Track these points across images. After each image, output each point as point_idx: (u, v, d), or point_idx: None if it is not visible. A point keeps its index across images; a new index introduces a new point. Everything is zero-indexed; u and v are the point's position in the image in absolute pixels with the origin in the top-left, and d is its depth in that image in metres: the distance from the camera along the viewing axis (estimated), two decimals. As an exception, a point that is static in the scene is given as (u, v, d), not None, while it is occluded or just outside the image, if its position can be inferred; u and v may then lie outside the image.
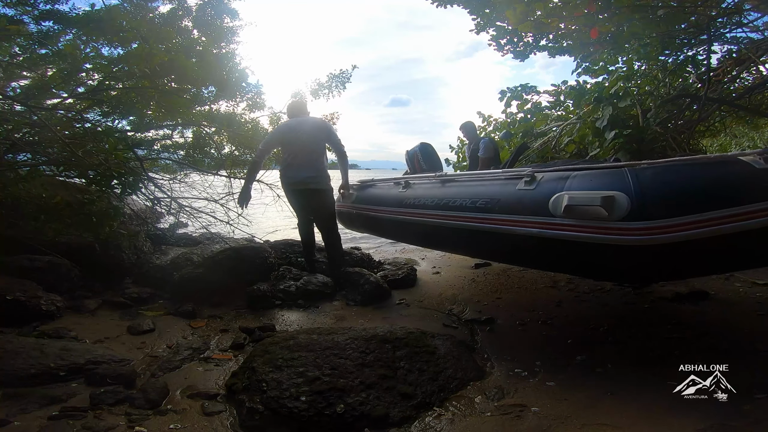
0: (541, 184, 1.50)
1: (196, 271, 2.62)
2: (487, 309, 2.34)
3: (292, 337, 1.58)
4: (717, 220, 1.14)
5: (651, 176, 1.28)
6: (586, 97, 3.67)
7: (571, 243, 1.33)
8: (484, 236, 1.63)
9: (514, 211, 1.51)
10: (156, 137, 3.49)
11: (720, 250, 1.20)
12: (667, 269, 1.30)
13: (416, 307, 2.47)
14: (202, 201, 3.23)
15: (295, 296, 2.55)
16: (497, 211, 1.57)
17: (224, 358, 1.76)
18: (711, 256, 1.24)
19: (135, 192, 2.64)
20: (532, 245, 1.47)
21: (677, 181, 1.25)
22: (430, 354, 1.57)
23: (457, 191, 1.84)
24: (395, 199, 2.26)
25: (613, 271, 1.42)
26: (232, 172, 3.61)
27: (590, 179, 1.38)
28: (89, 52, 2.59)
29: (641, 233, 1.20)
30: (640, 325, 1.94)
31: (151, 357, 1.76)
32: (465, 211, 1.70)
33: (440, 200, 1.87)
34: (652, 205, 1.22)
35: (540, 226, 1.41)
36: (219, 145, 3.68)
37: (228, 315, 2.32)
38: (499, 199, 1.58)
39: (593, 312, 2.18)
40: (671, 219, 1.19)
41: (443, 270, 3.42)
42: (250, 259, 2.74)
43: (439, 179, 2.08)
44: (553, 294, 2.54)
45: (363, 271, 2.87)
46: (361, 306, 2.49)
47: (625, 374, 1.51)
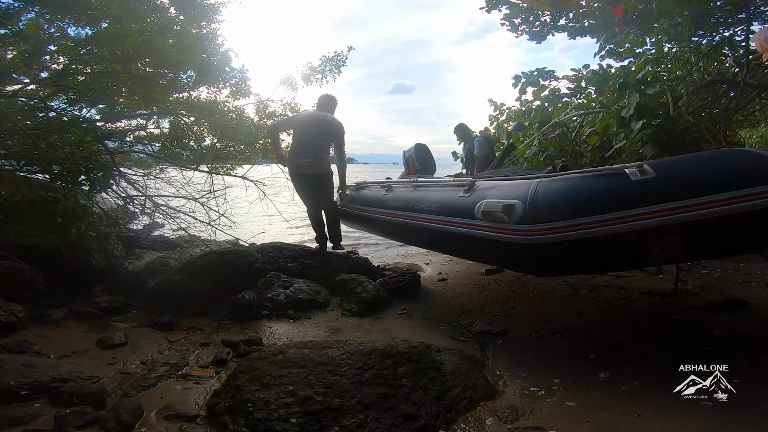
0: (474, 192, 2.03)
1: (174, 278, 2.63)
2: (499, 320, 2.34)
3: (281, 352, 1.58)
4: (587, 225, 1.56)
5: (545, 186, 1.74)
6: (610, 83, 3.66)
7: (486, 240, 1.87)
8: (437, 234, 2.23)
9: (454, 214, 2.07)
10: (129, 128, 3.49)
11: (592, 251, 1.59)
12: (551, 264, 1.76)
13: (420, 317, 2.47)
14: (181, 199, 3.23)
15: (284, 306, 2.55)
16: (444, 214, 2.13)
17: (205, 375, 1.76)
18: (585, 255, 1.63)
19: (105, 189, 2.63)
20: (464, 242, 2.04)
21: (562, 190, 1.69)
22: (436, 370, 1.57)
23: (422, 196, 2.45)
24: (380, 200, 2.88)
25: (515, 264, 2.00)
26: (213, 167, 3.62)
27: (506, 189, 1.88)
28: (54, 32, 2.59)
29: (526, 234, 1.68)
30: (670, 338, 1.94)
31: (124, 374, 1.76)
32: (425, 213, 2.29)
33: (410, 203, 2.51)
34: (539, 211, 1.67)
35: (467, 227, 1.97)
36: (199, 137, 3.68)
37: (209, 327, 2.32)
38: (446, 204, 2.16)
39: (618, 323, 2.18)
40: (551, 223, 1.63)
41: (450, 276, 3.42)
42: (234, 265, 2.74)
43: (412, 185, 2.69)
44: (573, 303, 2.54)
45: (360, 277, 2.87)
46: (359, 317, 2.49)
47: (654, 393, 1.51)
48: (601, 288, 2.84)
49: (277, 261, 3.22)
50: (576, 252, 1.64)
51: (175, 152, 3.68)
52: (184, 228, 3.10)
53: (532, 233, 1.68)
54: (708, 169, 1.58)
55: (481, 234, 1.89)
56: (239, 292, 2.54)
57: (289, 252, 3.35)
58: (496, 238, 1.81)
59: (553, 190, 1.72)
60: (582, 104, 4.71)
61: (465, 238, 1.99)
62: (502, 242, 1.79)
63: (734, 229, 1.49)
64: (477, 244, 1.96)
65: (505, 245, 1.78)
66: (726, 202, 1.46)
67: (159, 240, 4.13)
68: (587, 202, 1.61)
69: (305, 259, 3.31)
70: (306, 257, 3.33)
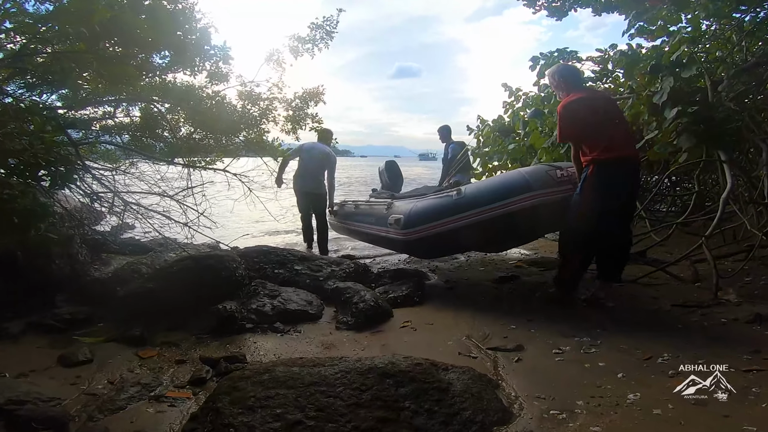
0: (390, 209, 3.52)
1: (146, 286, 2.63)
2: (516, 334, 2.34)
3: (267, 370, 1.58)
4: (429, 228, 3.08)
5: (416, 205, 3.28)
6: (641, 65, 3.66)
7: (391, 239, 3.51)
8: (375, 236, 3.86)
9: (380, 223, 3.64)
10: (95, 116, 3.49)
11: (433, 242, 3.14)
12: (418, 251, 3.59)
13: (425, 331, 2.48)
14: (154, 197, 3.23)
15: (271, 318, 2.55)
16: (377, 224, 3.72)
17: (181, 397, 1.76)
18: (431, 245, 3.20)
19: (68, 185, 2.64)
20: (384, 240, 3.72)
21: (420, 207, 3.23)
22: (443, 391, 1.57)
23: (371, 211, 3.98)
24: (351, 215, 4.42)
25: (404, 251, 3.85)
26: (191, 160, 3.61)
27: (402, 207, 3.41)
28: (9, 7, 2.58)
29: (404, 235, 3.27)
30: (709, 354, 1.94)
31: (89, 395, 1.76)
32: (371, 224, 3.87)
33: (364, 216, 4.10)
34: (410, 221, 3.22)
35: (384, 231, 3.56)
36: (174, 126, 3.68)
37: (186, 342, 2.32)
38: (378, 217, 3.72)
39: (650, 338, 2.18)
40: (414, 228, 3.19)
41: (459, 284, 3.43)
42: (214, 271, 2.75)
43: (368, 204, 4.27)
44: (598, 315, 2.54)
45: (357, 286, 2.88)
46: (355, 330, 2.50)
47: (691, 416, 1.51)
48: (630, 298, 2.84)
49: (263, 267, 3.23)
50: (426, 243, 3.21)
51: (147, 144, 3.68)
52: (158, 229, 3.10)
53: (406, 234, 3.28)
54: (489, 188, 2.95)
55: (389, 236, 3.52)
56: (220, 302, 2.55)
57: (276, 257, 3.36)
58: (393, 238, 3.46)
59: (418, 207, 3.27)
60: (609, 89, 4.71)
61: (384, 238, 3.65)
62: (396, 240, 3.45)
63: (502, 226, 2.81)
64: (389, 242, 3.68)
65: (396, 241, 3.47)
66: (495, 209, 2.79)
67: (129, 243, 4.14)
68: (430, 214, 3.13)
69: (294, 264, 3.32)
70: (295, 262, 3.34)
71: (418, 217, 3.19)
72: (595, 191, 2.54)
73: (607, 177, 2.53)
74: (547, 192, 2.73)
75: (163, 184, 3.39)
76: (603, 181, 2.53)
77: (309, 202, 4.84)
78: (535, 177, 2.78)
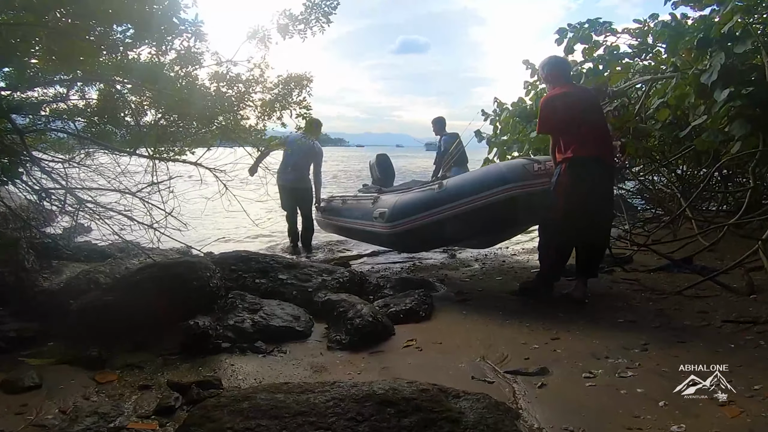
0: (377, 204, 4.11)
1: (104, 299, 2.63)
2: (539, 355, 2.34)
3: (246, 397, 1.58)
4: (413, 221, 3.67)
5: (401, 199, 3.90)
6: (686, 38, 3.67)
7: (376, 233, 4.13)
8: (362, 231, 4.48)
9: (366, 218, 4.21)
10: (44, 98, 3.48)
11: (417, 235, 3.73)
12: (402, 245, 4.23)
13: (432, 351, 2.47)
14: (113, 194, 3.23)
15: (251, 336, 2.56)
16: (363, 219, 4.34)
17: (146, 429, 1.76)
18: (415, 238, 3.78)
19: (12, 180, 2.64)
20: (370, 235, 4.34)
21: (404, 201, 3.84)
22: (453, 422, 1.56)
23: (358, 206, 4.66)
24: (339, 210, 5.09)
25: (388, 246, 4.63)
26: (157, 150, 3.61)
27: (387, 201, 4.03)
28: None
29: (388, 228, 3.86)
30: (764, 380, 1.93)
31: (37, 426, 1.75)
32: (357, 219, 4.51)
33: (351, 212, 4.75)
34: (394, 215, 3.81)
35: (370, 226, 4.15)
36: (138, 111, 3.68)
37: (151, 364, 2.31)
38: (366, 212, 4.28)
39: (700, 357, 2.17)
40: (398, 221, 3.77)
41: (473, 296, 3.43)
42: (184, 281, 2.75)
43: (355, 199, 4.94)
44: (636, 332, 2.55)
45: (353, 298, 2.88)
46: (350, 350, 2.50)
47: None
48: (674, 312, 2.84)
49: (242, 276, 3.23)
50: (410, 236, 3.78)
51: (105, 131, 3.67)
52: (118, 232, 3.10)
53: (390, 228, 3.84)
54: (468, 181, 3.58)
55: (374, 230, 4.12)
56: (191, 317, 2.54)
57: (257, 264, 3.37)
58: (378, 231, 4.05)
59: (402, 201, 3.86)
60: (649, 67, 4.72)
61: (370, 232, 4.28)
62: (381, 233, 4.03)
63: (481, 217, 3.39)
64: (374, 236, 4.30)
65: (381, 234, 4.04)
66: (473, 201, 3.37)
67: (85, 248, 4.14)
68: (414, 207, 3.71)
69: (279, 273, 3.33)
70: (280, 271, 3.35)
71: (401, 210, 3.78)
72: (566, 188, 3.06)
73: (578, 175, 3.03)
74: (523, 184, 3.28)
75: (124, 178, 3.39)
76: (574, 180, 3.04)
77: (293, 198, 5.39)
78: (512, 170, 3.38)
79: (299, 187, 5.35)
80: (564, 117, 3.09)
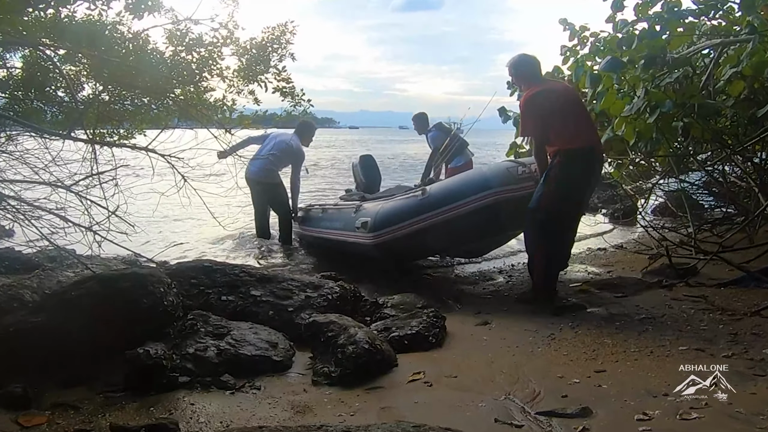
0: (359, 212, 4.75)
1: (31, 320, 2.62)
2: (579, 391, 2.34)
3: (212, 444, 1.59)
4: (397, 229, 4.33)
5: (383, 207, 4.60)
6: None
7: (358, 244, 4.80)
8: (344, 245, 5.10)
9: (347, 229, 4.88)
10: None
11: (401, 244, 4.40)
12: (386, 255, 4.66)
13: (445, 387, 2.48)
14: (43, 188, 3.23)
15: (216, 368, 2.56)
16: (344, 229, 4.97)
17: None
18: (399, 247, 4.45)
19: None
20: (352, 246, 4.98)
21: (388, 209, 4.53)
22: (473, 476, 1.57)
23: (339, 215, 5.23)
24: (318, 221, 5.69)
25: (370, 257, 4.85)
26: (97, 133, 3.62)
27: (369, 210, 4.68)
28: None
29: (371, 238, 4.52)
30: None
31: (-53, 481, 1.77)
32: (338, 229, 5.12)
33: (334, 222, 5.29)
34: (377, 224, 4.47)
35: (352, 237, 4.82)
36: (74, 83, 3.68)
37: (90, 403, 2.31)
38: (347, 221, 4.90)
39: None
40: (381, 230, 4.43)
41: (495, 317, 3.43)
42: (131, 298, 2.75)
43: (336, 208, 5.54)
44: (704, 362, 2.53)
45: (344, 320, 2.89)
46: (341, 386, 2.50)
47: None
48: (750, 338, 2.84)
49: (205, 292, 3.23)
50: (394, 246, 4.37)
51: (32, 108, 3.68)
52: (48, 236, 3.11)
53: (373, 238, 4.41)
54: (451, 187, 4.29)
55: (357, 241, 4.68)
56: (140, 344, 2.54)
57: (223, 276, 3.37)
58: (360, 242, 4.62)
59: (385, 209, 4.46)
60: (718, 28, 4.73)
61: (352, 244, 4.82)
62: (363, 244, 4.60)
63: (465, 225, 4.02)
64: (355, 247, 4.83)
65: (363, 246, 4.61)
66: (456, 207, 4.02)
67: (6, 256, 4.14)
68: (397, 216, 4.32)
69: (251, 288, 3.33)
70: (252, 285, 3.35)
71: (385, 219, 4.38)
72: (559, 181, 3.54)
73: (573, 167, 3.55)
74: (507, 189, 3.91)
75: (56, 168, 3.39)
76: (568, 171, 3.54)
77: (262, 193, 5.91)
78: (495, 174, 4.04)
79: (266, 182, 5.83)
80: (551, 111, 3.64)
